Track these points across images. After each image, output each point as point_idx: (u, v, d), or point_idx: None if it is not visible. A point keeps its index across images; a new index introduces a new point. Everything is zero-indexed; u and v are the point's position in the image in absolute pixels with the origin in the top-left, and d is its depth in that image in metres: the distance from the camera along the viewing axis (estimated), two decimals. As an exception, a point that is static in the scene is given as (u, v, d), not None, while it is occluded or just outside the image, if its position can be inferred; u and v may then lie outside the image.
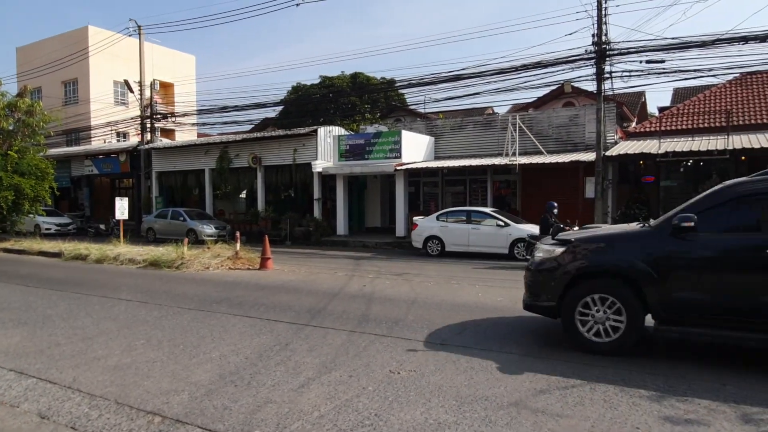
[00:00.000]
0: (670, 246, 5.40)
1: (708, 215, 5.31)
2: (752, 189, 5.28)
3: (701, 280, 5.29)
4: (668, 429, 3.84)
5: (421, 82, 19.66)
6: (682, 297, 5.32)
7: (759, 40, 13.42)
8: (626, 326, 5.50)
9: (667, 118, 19.37)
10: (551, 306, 5.93)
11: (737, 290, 5.17)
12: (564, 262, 5.84)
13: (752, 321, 5.08)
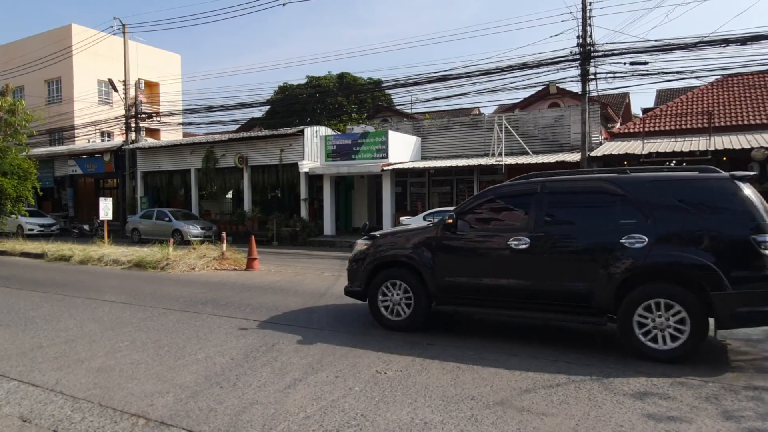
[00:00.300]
0: (441, 240, 6.42)
1: (470, 213, 6.48)
2: (501, 192, 6.55)
3: (460, 267, 6.34)
4: (651, 426, 3.89)
5: (407, 82, 19.71)
6: (449, 281, 6.35)
7: (739, 43, 13.64)
8: (414, 307, 6.53)
9: (651, 119, 19.60)
10: (361, 290, 6.95)
11: (486, 275, 6.19)
12: (369, 254, 6.89)
13: (498, 299, 6.14)
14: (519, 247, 5.89)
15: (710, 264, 5.13)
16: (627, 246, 5.42)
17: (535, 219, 5.94)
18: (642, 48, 15.00)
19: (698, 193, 5.48)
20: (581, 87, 16.24)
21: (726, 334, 6.40)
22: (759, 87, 19.05)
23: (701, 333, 5.19)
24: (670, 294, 5.26)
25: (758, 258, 5.07)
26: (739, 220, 5.22)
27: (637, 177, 5.81)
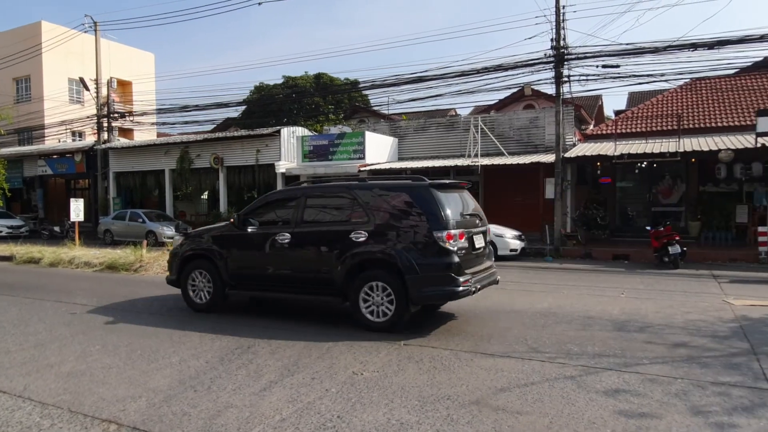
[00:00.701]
0: (230, 236, 7.74)
1: (252, 213, 7.73)
2: (274, 197, 8.10)
3: (243, 259, 7.67)
4: (622, 422, 3.97)
5: (384, 83, 19.73)
6: (236, 270, 7.65)
7: (707, 47, 14.00)
8: (213, 291, 7.83)
9: (623, 121, 19.98)
10: (175, 279, 8.24)
11: (262, 264, 7.49)
12: (181, 249, 8.20)
13: (273, 285, 7.44)
14: (283, 241, 7.21)
15: (406, 254, 6.45)
16: (354, 240, 6.73)
17: (296, 218, 7.29)
18: (614, 51, 15.29)
19: (404, 198, 6.77)
20: (555, 89, 16.45)
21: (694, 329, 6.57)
22: (726, 90, 19.57)
23: (404, 309, 6.50)
24: (383, 278, 6.56)
25: (438, 249, 6.41)
26: (428, 219, 6.53)
27: (364, 185, 7.21)
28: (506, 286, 10.59)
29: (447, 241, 6.39)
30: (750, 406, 4.28)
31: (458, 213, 6.87)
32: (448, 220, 6.49)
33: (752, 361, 5.46)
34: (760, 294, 9.48)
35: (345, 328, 6.85)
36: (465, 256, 6.68)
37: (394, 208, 6.75)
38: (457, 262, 6.43)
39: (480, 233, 7.28)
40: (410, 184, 6.97)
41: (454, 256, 6.43)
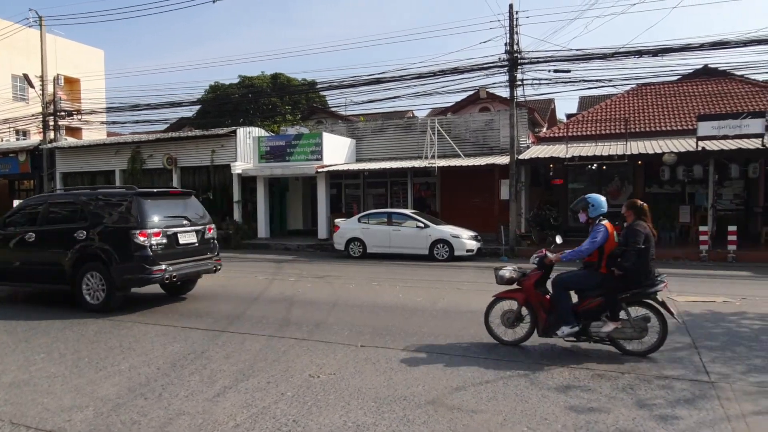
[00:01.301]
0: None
1: (14, 216, 9.21)
2: (28, 203, 9.47)
3: (5, 255, 8.88)
4: (573, 418, 4.09)
5: (342, 84, 19.66)
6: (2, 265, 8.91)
7: (651, 55, 14.57)
8: None
9: (574, 125, 20.56)
10: None
11: (17, 259, 8.88)
12: None
13: (26, 277, 8.85)
14: (30, 239, 8.59)
15: (111, 249, 7.95)
16: (77, 238, 8.18)
17: (40, 220, 8.71)
18: (565, 57, 15.73)
19: (116, 203, 8.35)
20: (509, 92, 16.78)
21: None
22: (669, 96, 20.42)
23: (113, 293, 8.02)
24: (97, 268, 8.05)
25: (133, 244, 7.89)
26: (129, 220, 8.05)
27: (89, 193, 8.71)
28: (462, 286, 10.75)
29: (141, 238, 7.89)
30: (691, 398, 4.48)
31: (161, 216, 8.34)
32: (145, 221, 7.99)
33: (693, 354, 5.72)
34: (700, 290, 9.93)
35: (301, 332, 6.80)
36: (163, 251, 8.16)
37: (107, 211, 8.29)
38: (149, 255, 7.94)
39: (190, 232, 8.79)
40: (122, 192, 8.65)
41: (147, 250, 7.93)
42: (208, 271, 9.10)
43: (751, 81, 19.89)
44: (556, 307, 5.75)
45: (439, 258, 15.34)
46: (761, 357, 5.60)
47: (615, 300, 5.57)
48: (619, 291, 5.58)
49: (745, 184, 18.02)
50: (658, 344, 5.59)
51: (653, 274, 5.66)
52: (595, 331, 5.67)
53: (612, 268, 5.61)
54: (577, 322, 5.63)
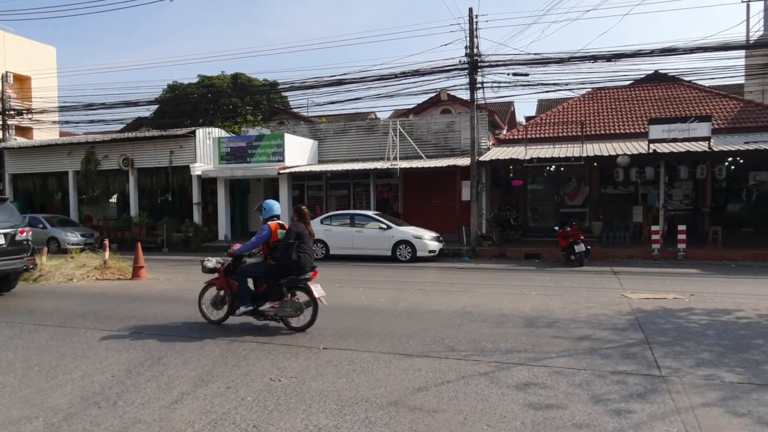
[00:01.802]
0: None
1: None
2: None
3: None
4: (531, 414, 4.17)
5: (303, 85, 19.54)
6: None
7: (605, 60, 15.04)
8: None
9: (532, 127, 21.00)
10: None
11: None
12: None
13: None
14: None
15: None
16: None
17: None
18: (523, 60, 16.05)
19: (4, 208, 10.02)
20: (470, 95, 17.02)
21: (596, 323, 7.03)
22: (623, 100, 21.08)
23: None
24: None
25: (17, 241, 9.78)
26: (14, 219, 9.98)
27: None
28: (425, 287, 10.83)
29: None
30: (644, 392, 4.63)
31: None
32: None
33: (646, 350, 5.91)
34: (653, 287, 10.28)
35: (263, 335, 6.73)
36: None
37: None
38: None
39: None
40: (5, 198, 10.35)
41: None
42: (16, 270, 10.05)
43: (698, 86, 20.74)
44: (239, 292, 6.97)
45: (401, 259, 15.42)
46: (708, 351, 5.84)
47: (274, 285, 6.76)
48: (276, 277, 6.77)
49: (694, 185, 18.78)
50: (312, 321, 6.86)
51: (305, 266, 6.82)
52: (263, 310, 6.88)
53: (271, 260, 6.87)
54: (251, 303, 6.90)
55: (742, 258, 14.21)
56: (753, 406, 4.28)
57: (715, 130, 16.38)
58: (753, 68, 20.60)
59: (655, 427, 3.93)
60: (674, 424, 3.98)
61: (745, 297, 9.15)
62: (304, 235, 6.84)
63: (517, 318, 7.64)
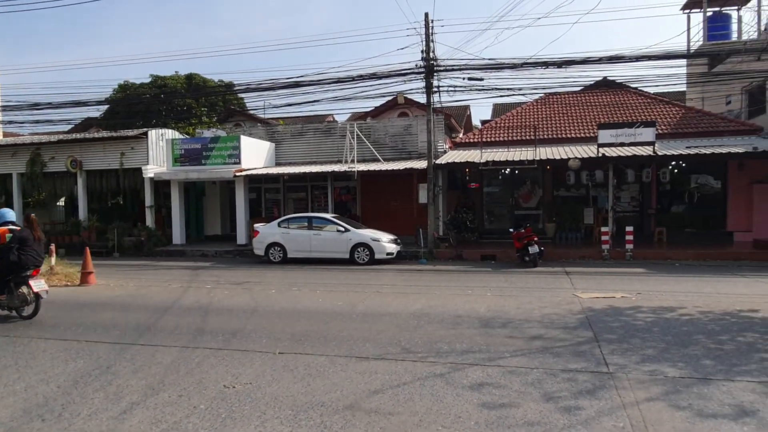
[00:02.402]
0: None
1: None
2: None
3: None
4: (485, 414, 4.25)
5: (260, 87, 19.30)
6: None
7: (556, 66, 15.49)
8: None
9: (488, 131, 21.38)
10: None
11: None
12: None
13: None
14: None
15: None
16: None
17: None
18: (478, 65, 16.35)
19: None
20: (426, 98, 17.21)
21: (548, 322, 7.22)
22: (573, 105, 21.72)
23: None
24: None
25: None
26: None
27: None
28: (382, 289, 10.87)
29: None
30: (592, 388, 4.79)
31: None
32: None
33: (595, 348, 6.12)
34: (602, 287, 10.63)
35: (216, 341, 6.61)
36: None
37: None
38: None
39: None
40: None
41: None
42: None
43: (643, 93, 21.60)
44: None
45: (359, 262, 15.43)
46: (653, 347, 6.09)
47: (2, 281, 7.85)
48: (2, 275, 7.84)
49: (640, 188, 19.51)
50: (35, 311, 8.09)
51: (27, 265, 7.89)
52: None
53: None
54: None
55: (685, 257, 14.86)
56: (693, 399, 4.48)
57: (660, 135, 17.07)
58: (693, 76, 21.61)
59: (603, 422, 4.07)
60: (620, 419, 4.13)
61: (687, 295, 9.57)
62: (27, 239, 7.92)
63: (473, 319, 7.76)
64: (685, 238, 17.98)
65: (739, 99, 20.79)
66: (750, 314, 7.84)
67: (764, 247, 15.10)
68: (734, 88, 20.40)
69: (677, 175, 18.20)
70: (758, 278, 11.48)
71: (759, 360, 5.56)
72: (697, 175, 19.14)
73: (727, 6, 22.45)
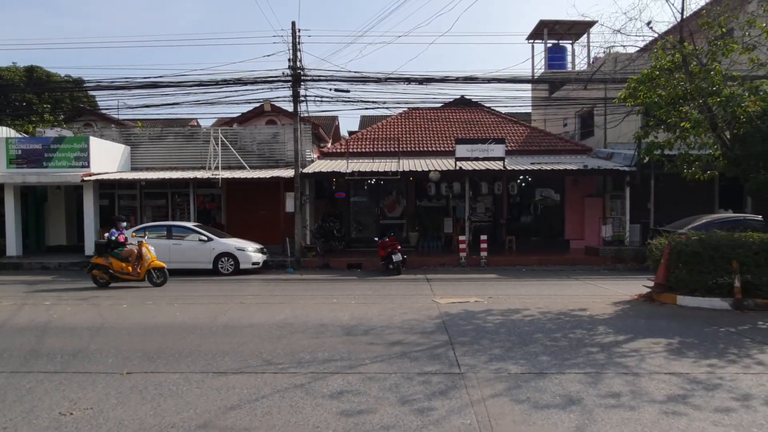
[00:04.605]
0: None
1: None
2: None
3: None
4: (343, 422, 4.31)
5: (113, 85, 17.90)
6: None
7: (417, 82, 16.35)
8: None
9: (354, 142, 21.83)
10: None
11: None
12: None
13: None
14: None
15: None
16: None
17: None
18: (345, 77, 16.71)
19: None
20: (293, 107, 17.16)
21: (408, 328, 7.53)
22: (434, 120, 22.99)
23: None
24: None
25: None
26: None
27: None
28: (246, 300, 10.59)
29: None
30: (445, 389, 5.07)
31: None
32: None
33: (449, 350, 6.49)
34: (459, 292, 11.32)
35: (53, 364, 5.97)
36: None
37: None
38: None
39: None
40: None
41: None
42: None
43: (496, 112, 23.52)
44: None
45: (224, 272, 14.91)
46: (500, 347, 6.61)
47: None
48: None
49: (493, 199, 21.15)
50: None
51: None
52: None
53: None
54: None
55: (531, 263, 16.35)
56: (531, 392, 4.94)
57: (509, 152, 18.65)
58: (537, 100, 23.98)
59: (452, 420, 4.33)
60: (468, 416, 4.42)
61: (531, 297, 10.54)
62: None
63: (336, 327, 7.85)
64: (531, 245, 19.78)
65: (574, 122, 23.42)
66: (580, 313, 8.84)
67: (593, 253, 17.12)
68: (569, 112, 22.98)
69: (525, 188, 20.01)
70: (587, 280, 12.95)
71: (586, 354, 6.28)
72: (541, 189, 21.20)
73: (563, 39, 25.20)
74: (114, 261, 12.49)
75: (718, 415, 4.39)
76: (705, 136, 10.25)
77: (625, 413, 4.43)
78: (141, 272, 12.55)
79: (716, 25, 9.84)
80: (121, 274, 12.48)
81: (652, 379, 5.32)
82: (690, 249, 9.57)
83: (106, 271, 12.47)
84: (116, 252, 12.61)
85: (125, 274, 12.48)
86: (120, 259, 12.53)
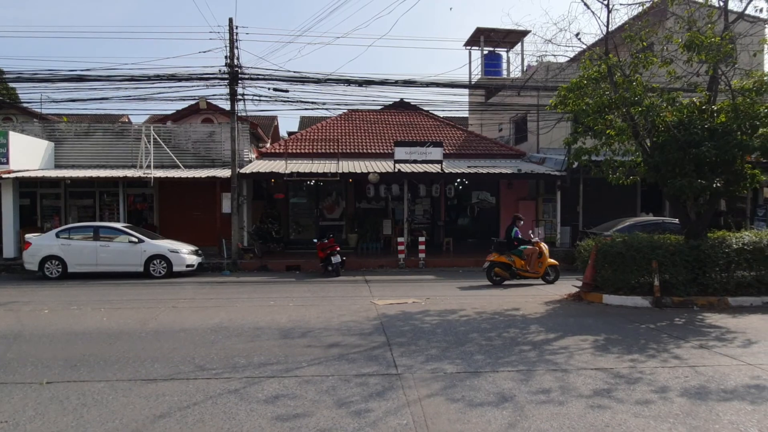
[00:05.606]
0: None
1: None
2: None
3: None
4: (278, 427, 4.25)
5: (35, 77, 16.83)
6: None
7: (357, 84, 16.35)
8: None
9: (293, 143, 21.58)
10: None
11: None
12: None
13: None
14: None
15: None
16: None
17: None
18: (284, 77, 16.46)
19: None
20: (230, 106, 16.74)
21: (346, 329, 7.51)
22: (374, 122, 23.08)
23: None
24: None
25: None
26: None
27: None
28: (179, 304, 10.25)
29: None
30: (382, 390, 5.10)
31: None
32: None
33: (387, 351, 6.53)
34: (397, 293, 11.41)
35: (-35, 375, 5.56)
36: None
37: None
38: None
39: None
40: None
41: None
42: None
43: (433, 116, 23.92)
44: None
45: (156, 275, 14.36)
46: (436, 347, 6.71)
47: None
48: None
49: (431, 202, 21.47)
50: None
51: None
52: None
53: None
54: None
55: (467, 264, 16.70)
56: (466, 391, 5.05)
57: (447, 155, 18.98)
58: (474, 105, 24.57)
59: (389, 421, 4.36)
60: (404, 416, 4.46)
61: (467, 298, 10.78)
62: None
63: (273, 330, 7.73)
64: (468, 247, 20.21)
65: (508, 127, 24.16)
66: (513, 313, 9.12)
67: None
68: (504, 117, 23.67)
69: (462, 191, 20.43)
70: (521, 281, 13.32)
71: (518, 352, 6.49)
72: (478, 192, 21.73)
73: (499, 47, 25.95)
74: (516, 259, 12.88)
75: (639, 407, 4.65)
76: (628, 143, 10.83)
77: (554, 408, 4.61)
78: (540, 270, 12.86)
79: (638, 39, 10.44)
80: (522, 272, 12.87)
81: (580, 374, 5.57)
82: (614, 250, 10.10)
83: (509, 268, 12.86)
84: (519, 250, 12.91)
85: (525, 272, 12.86)
86: (521, 257, 12.82)
